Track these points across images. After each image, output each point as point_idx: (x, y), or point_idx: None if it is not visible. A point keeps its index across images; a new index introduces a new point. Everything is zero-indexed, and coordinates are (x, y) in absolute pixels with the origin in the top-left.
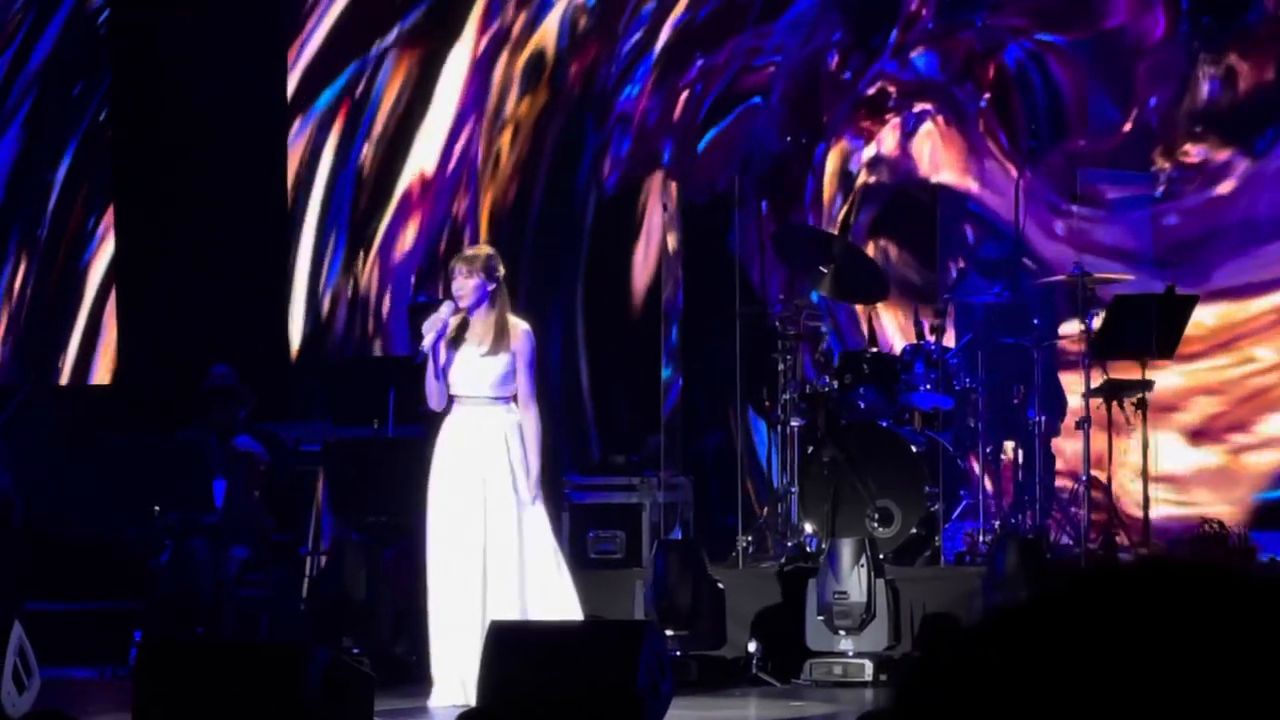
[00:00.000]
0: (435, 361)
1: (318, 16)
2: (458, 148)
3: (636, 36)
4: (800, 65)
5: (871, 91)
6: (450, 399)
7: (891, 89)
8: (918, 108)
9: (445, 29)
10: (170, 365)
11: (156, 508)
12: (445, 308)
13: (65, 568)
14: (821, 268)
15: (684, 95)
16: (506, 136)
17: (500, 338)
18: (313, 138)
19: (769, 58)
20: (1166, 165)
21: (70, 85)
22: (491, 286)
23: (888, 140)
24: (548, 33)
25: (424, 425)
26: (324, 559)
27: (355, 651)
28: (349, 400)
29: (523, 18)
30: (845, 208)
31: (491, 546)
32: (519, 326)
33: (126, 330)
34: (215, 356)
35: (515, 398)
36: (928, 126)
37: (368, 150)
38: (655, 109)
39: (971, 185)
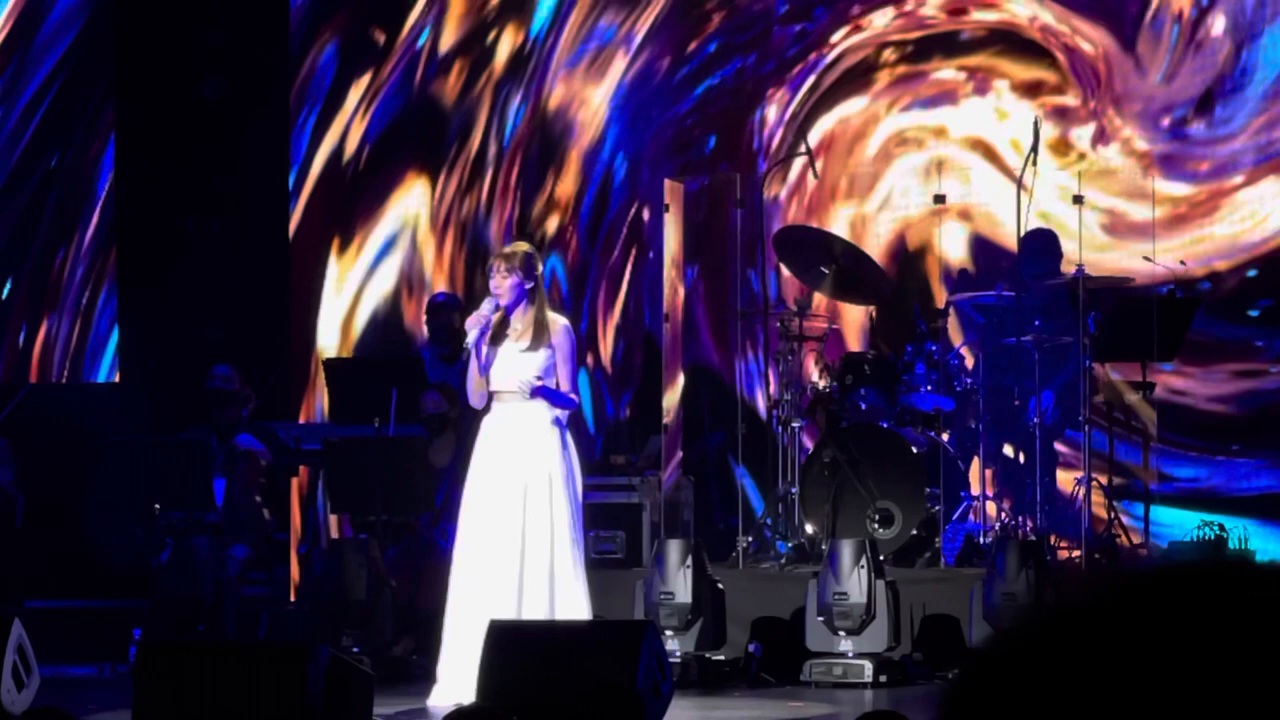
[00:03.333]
0: (479, 358)
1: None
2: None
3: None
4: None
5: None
6: (490, 396)
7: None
8: None
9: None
10: (173, 365)
11: (157, 506)
12: (487, 304)
13: (65, 565)
14: (823, 268)
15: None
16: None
17: (539, 333)
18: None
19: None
20: None
21: (75, 80)
22: (529, 285)
23: (879, 20)
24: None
25: (423, 425)
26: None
27: (355, 651)
28: (349, 399)
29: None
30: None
31: (528, 552)
32: (558, 322)
33: (129, 329)
34: (218, 356)
35: None
36: None
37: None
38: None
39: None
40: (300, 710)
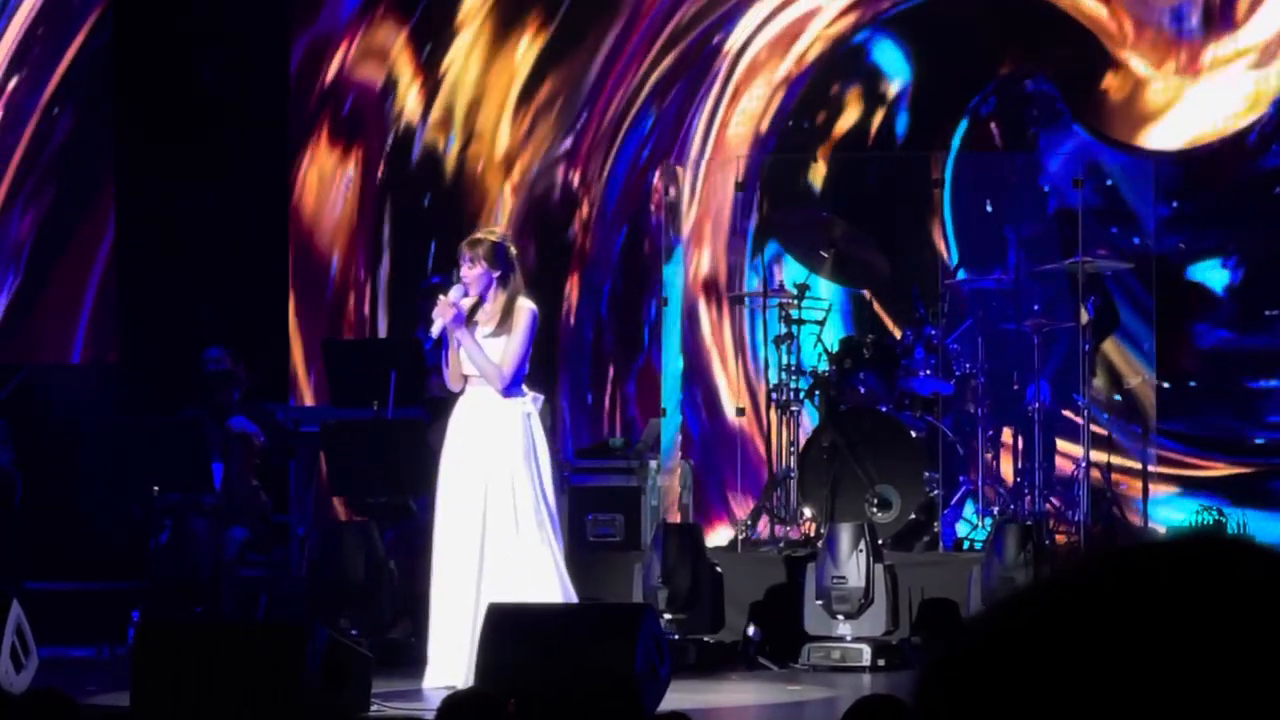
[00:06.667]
0: (448, 344)
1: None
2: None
3: None
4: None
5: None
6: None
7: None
8: None
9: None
10: (170, 345)
11: (156, 488)
12: (455, 291)
13: (64, 547)
14: (822, 252)
15: None
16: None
17: (505, 320)
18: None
19: None
20: None
21: (73, 60)
22: (497, 273)
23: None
24: None
25: (425, 408)
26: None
27: (353, 633)
28: (348, 382)
29: None
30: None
31: (490, 535)
32: (525, 307)
33: (126, 309)
34: (215, 337)
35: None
36: None
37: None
38: None
39: None
40: (298, 691)
